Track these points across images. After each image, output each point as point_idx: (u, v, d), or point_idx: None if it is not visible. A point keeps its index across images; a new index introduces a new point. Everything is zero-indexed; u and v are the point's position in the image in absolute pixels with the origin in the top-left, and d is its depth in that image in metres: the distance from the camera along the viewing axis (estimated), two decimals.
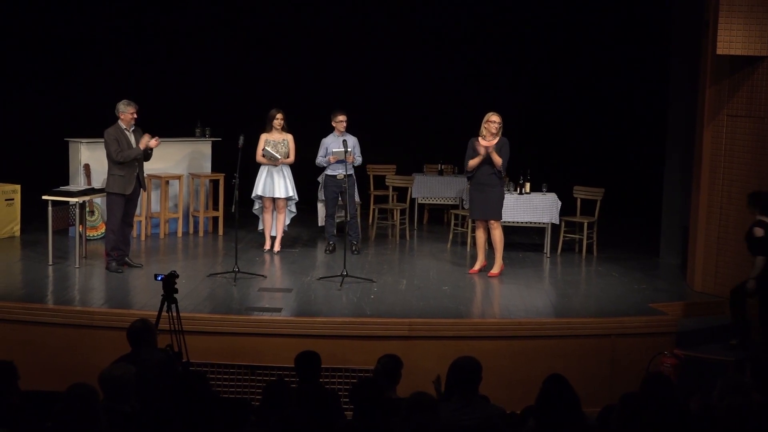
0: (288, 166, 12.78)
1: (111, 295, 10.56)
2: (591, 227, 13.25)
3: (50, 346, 9.47)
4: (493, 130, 11.40)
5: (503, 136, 11.42)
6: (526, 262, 12.66)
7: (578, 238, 13.33)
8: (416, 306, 10.25)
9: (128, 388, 5.93)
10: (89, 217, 13.00)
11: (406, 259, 12.97)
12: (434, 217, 15.76)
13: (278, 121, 12.69)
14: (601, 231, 13.51)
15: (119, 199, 11.42)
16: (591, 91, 16.36)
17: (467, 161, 11.48)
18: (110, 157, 11.39)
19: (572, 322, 9.83)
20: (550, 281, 11.82)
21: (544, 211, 13.03)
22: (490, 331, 9.65)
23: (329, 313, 9.88)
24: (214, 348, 9.29)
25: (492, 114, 11.48)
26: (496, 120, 11.41)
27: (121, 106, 11.47)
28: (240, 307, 10.03)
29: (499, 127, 11.40)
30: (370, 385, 5.96)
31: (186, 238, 13.88)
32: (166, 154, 13.70)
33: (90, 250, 12.42)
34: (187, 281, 10.74)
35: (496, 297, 11.02)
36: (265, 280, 11.28)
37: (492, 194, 11.49)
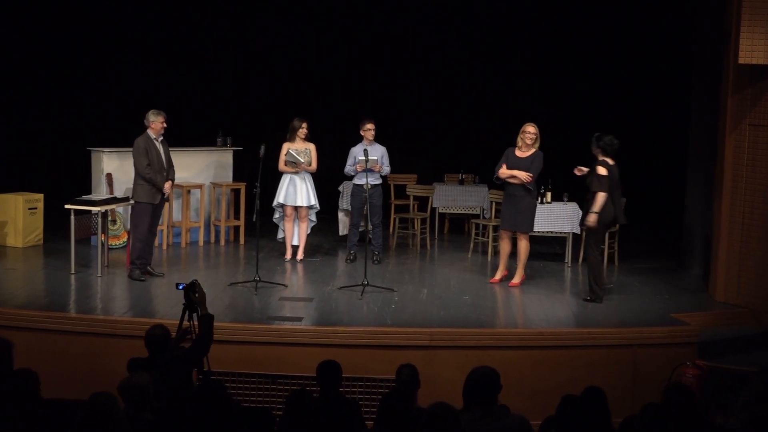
0: (310, 175, 12.81)
1: (133, 303, 10.60)
2: (613, 237, 13.20)
3: (72, 355, 9.50)
4: (528, 141, 11.39)
5: (539, 150, 11.38)
6: (547, 272, 12.63)
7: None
8: (437, 315, 10.24)
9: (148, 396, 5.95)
10: (111, 226, 13.05)
11: (427, 268, 12.96)
12: (455, 226, 15.75)
13: (303, 131, 12.73)
14: (622, 240, 13.46)
15: (147, 208, 11.49)
16: (613, 100, 16.32)
17: (497, 168, 11.52)
18: (138, 169, 11.46)
19: (593, 332, 9.79)
20: (572, 291, 11.78)
21: (565, 221, 13.01)
22: (511, 340, 9.62)
23: (350, 322, 9.89)
24: (235, 357, 9.30)
25: (528, 125, 11.46)
26: (531, 131, 11.39)
27: (150, 115, 11.52)
28: (261, 316, 10.04)
29: (534, 138, 11.39)
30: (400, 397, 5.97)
31: (207, 247, 13.92)
32: (188, 164, 13.76)
33: (112, 258, 12.47)
34: (208, 290, 10.70)
35: (517, 307, 10.99)
36: (286, 289, 11.29)
37: (522, 205, 11.44)
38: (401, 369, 7.21)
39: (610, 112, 16.37)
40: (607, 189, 10.79)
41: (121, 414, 5.43)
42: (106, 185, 13.04)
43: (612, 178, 10.83)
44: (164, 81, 16.08)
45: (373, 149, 12.64)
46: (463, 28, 16.34)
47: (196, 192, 13.97)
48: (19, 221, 13.25)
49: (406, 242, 14.50)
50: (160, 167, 11.53)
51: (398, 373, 7.21)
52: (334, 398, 6.70)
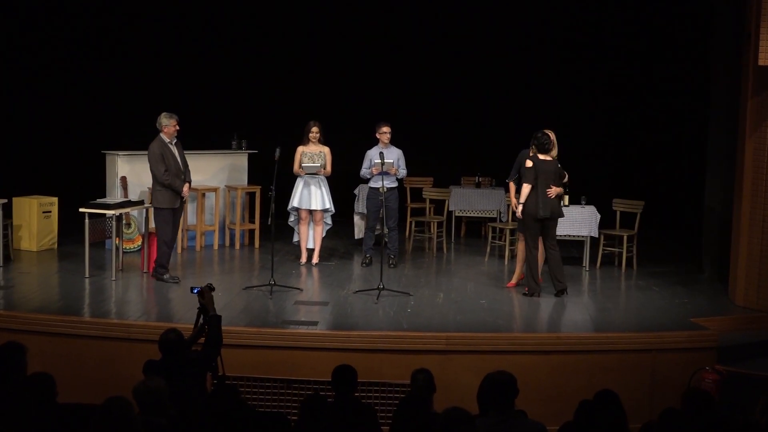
0: (325, 178, 12.82)
1: (147, 307, 10.64)
2: (631, 240, 13.18)
3: (87, 359, 9.54)
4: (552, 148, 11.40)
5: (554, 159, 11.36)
6: (565, 276, 12.60)
7: (618, 252, 13.27)
8: (453, 320, 10.24)
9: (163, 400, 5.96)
10: (126, 229, 13.09)
11: (443, 272, 12.95)
12: (471, 230, 15.74)
13: (314, 135, 12.74)
14: (641, 244, 13.43)
15: (168, 214, 11.55)
16: (631, 103, 16.29)
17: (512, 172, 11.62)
18: (156, 176, 11.51)
19: (612, 337, 9.77)
20: (590, 295, 11.76)
21: (583, 224, 12.99)
22: (528, 345, 9.61)
23: (366, 326, 9.89)
24: (250, 361, 9.31)
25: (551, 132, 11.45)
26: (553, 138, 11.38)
27: (163, 119, 11.55)
28: (276, 321, 10.06)
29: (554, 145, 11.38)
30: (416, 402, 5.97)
31: (222, 250, 13.95)
32: (203, 167, 13.80)
33: (126, 262, 12.51)
34: (223, 294, 10.80)
35: (534, 311, 10.97)
36: (301, 293, 11.31)
37: None
38: (417, 374, 7.21)
39: (629, 115, 16.37)
40: (532, 180, 11.13)
41: (136, 419, 5.44)
42: (121, 188, 13.08)
43: (538, 170, 11.18)
44: (179, 83, 16.11)
45: (389, 152, 12.65)
46: (481, 28, 16.32)
47: (210, 195, 14.00)
48: (33, 225, 13.31)
49: (423, 246, 14.50)
50: (177, 171, 11.57)
51: (414, 378, 7.21)
52: (349, 403, 6.71)
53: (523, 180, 11.26)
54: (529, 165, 11.22)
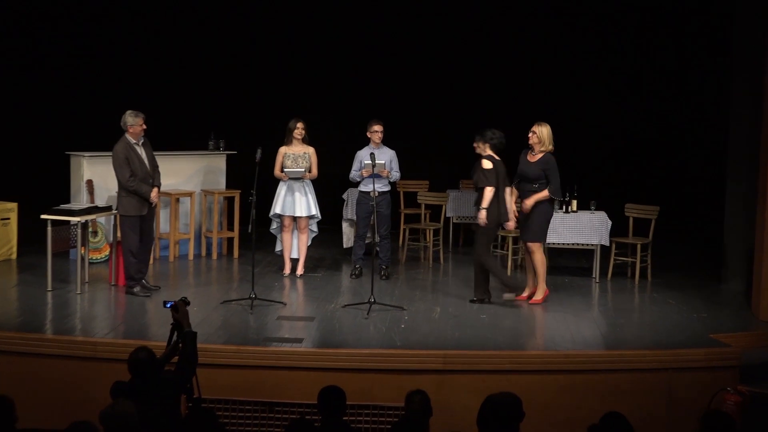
0: (310, 182, 12.81)
1: (115, 323, 10.61)
2: (645, 249, 13.19)
3: (49, 380, 9.50)
4: (531, 142, 11.48)
5: (549, 153, 11.39)
6: (573, 288, 12.62)
7: (631, 262, 13.28)
8: (451, 336, 10.23)
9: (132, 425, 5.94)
10: (92, 238, 13.07)
11: (440, 284, 12.95)
12: (471, 238, 15.71)
13: (299, 131, 12.72)
14: (656, 254, 13.44)
15: (135, 222, 11.54)
16: (645, 102, 16.35)
17: None
18: (121, 181, 11.49)
19: (624, 355, 9.77)
20: (600, 309, 11.77)
21: (593, 232, 12.99)
22: (533, 364, 9.61)
23: (355, 344, 9.88)
24: (229, 382, 9.29)
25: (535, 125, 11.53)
26: (533, 130, 11.47)
27: (128, 118, 11.52)
28: (257, 338, 10.04)
29: (537, 141, 11.42)
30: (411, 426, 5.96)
31: (198, 261, 13.93)
32: (177, 169, 13.79)
33: (93, 274, 12.48)
34: (199, 309, 10.77)
35: (539, 327, 10.97)
36: (285, 308, 11.30)
37: (533, 213, 11.48)
38: (412, 396, 7.20)
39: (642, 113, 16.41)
40: (494, 183, 11.34)
41: None
42: (87, 193, 13.06)
43: (498, 173, 11.36)
44: (150, 78, 16.11)
45: (381, 153, 12.66)
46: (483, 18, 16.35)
47: (185, 201, 13.98)
48: None
49: (417, 255, 14.50)
50: (144, 175, 11.55)
51: (408, 401, 7.21)
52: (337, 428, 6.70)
53: (482, 184, 11.40)
54: (489, 167, 11.39)
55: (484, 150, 11.53)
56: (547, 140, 11.46)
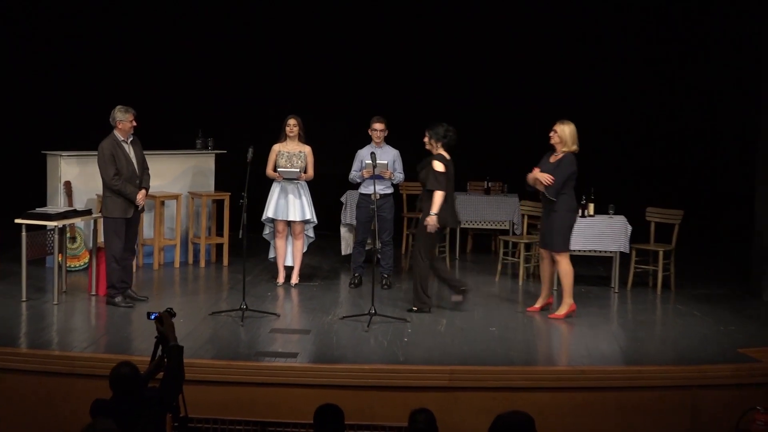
0: (305, 184, 12.81)
1: (96, 336, 10.61)
2: (668, 257, 13.19)
3: (24, 397, 9.49)
4: (552, 141, 11.43)
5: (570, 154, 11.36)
6: (590, 299, 12.62)
7: (652, 270, 13.28)
8: (458, 351, 10.23)
9: None
10: (70, 244, 13.07)
11: (446, 294, 12.94)
12: (480, 244, 15.75)
13: (291, 128, 12.71)
14: (679, 261, 13.45)
15: (119, 224, 11.54)
16: (668, 100, 16.36)
17: None
18: (104, 180, 11.49)
19: (645, 371, 9.77)
20: (619, 322, 11.77)
21: (612, 238, 12.99)
22: (546, 381, 9.60)
23: (354, 359, 9.87)
24: (218, 400, 9.29)
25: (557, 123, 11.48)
26: (554, 128, 11.41)
27: (117, 113, 11.53)
28: (248, 352, 10.03)
29: (558, 140, 11.39)
30: None
31: (184, 269, 13.94)
32: (162, 170, 13.79)
33: (71, 283, 12.49)
34: (185, 321, 10.78)
35: (553, 340, 10.97)
36: (279, 320, 11.30)
37: (553, 219, 11.45)
38: (416, 415, 7.19)
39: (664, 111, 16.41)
40: (445, 188, 11.53)
41: None
42: (65, 195, 13.07)
43: (449, 176, 11.62)
44: (133, 72, 16.12)
45: (384, 152, 12.66)
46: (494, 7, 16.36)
47: (171, 204, 13.99)
48: None
49: None
50: (131, 175, 11.55)
51: (412, 420, 7.20)
52: None
53: (431, 186, 11.54)
54: (441, 169, 11.55)
55: (436, 148, 11.70)
56: (570, 140, 11.37)
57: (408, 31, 16.32)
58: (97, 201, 13.08)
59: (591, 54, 16.36)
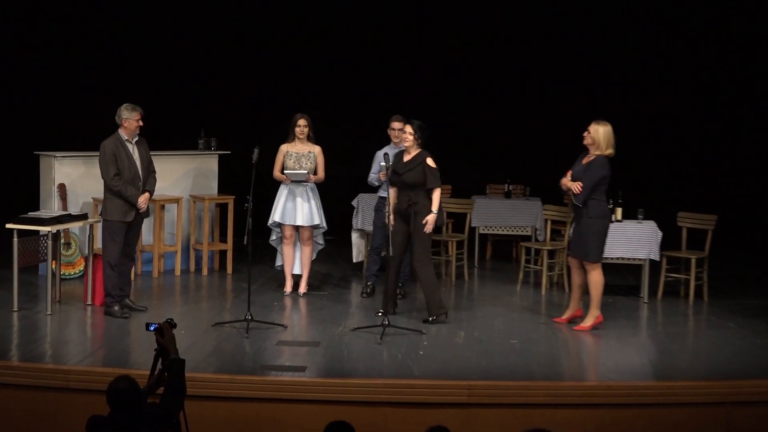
0: (315, 187, 12.81)
1: (92, 349, 10.63)
2: (701, 265, 13.18)
3: (15, 413, 9.50)
4: (585, 142, 11.39)
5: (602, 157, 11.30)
6: (618, 310, 12.60)
7: (684, 279, 13.27)
8: (477, 365, 10.23)
9: None
10: (64, 251, 13.10)
11: (464, 304, 12.95)
12: (500, 251, 15.74)
13: (301, 130, 12.72)
14: (713, 269, 13.43)
15: (119, 228, 11.55)
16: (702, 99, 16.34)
17: None
18: (105, 180, 11.52)
19: (676, 387, 9.75)
20: (649, 334, 11.76)
21: (641, 244, 12.98)
22: (570, 396, 9.60)
23: (366, 373, 9.88)
24: (221, 417, 9.30)
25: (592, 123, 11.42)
26: (588, 128, 11.35)
27: (124, 111, 11.57)
28: (254, 366, 10.05)
29: (591, 142, 11.34)
30: None
31: (186, 277, 13.96)
32: (162, 172, 13.75)
33: (65, 292, 12.50)
34: (187, 332, 10.79)
35: (579, 354, 10.97)
36: (286, 332, 11.31)
37: (583, 226, 11.42)
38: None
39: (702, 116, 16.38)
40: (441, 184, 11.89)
41: None
42: (59, 199, 13.09)
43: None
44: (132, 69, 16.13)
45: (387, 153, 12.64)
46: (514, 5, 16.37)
47: (171, 208, 14.01)
48: None
49: (438, 271, 14.48)
50: (133, 176, 11.57)
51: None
52: None
53: (435, 185, 11.76)
54: (434, 165, 11.77)
55: (415, 145, 11.88)
56: (604, 142, 11.28)
57: (424, 24, 16.32)
58: (93, 205, 13.11)
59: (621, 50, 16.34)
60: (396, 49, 16.33)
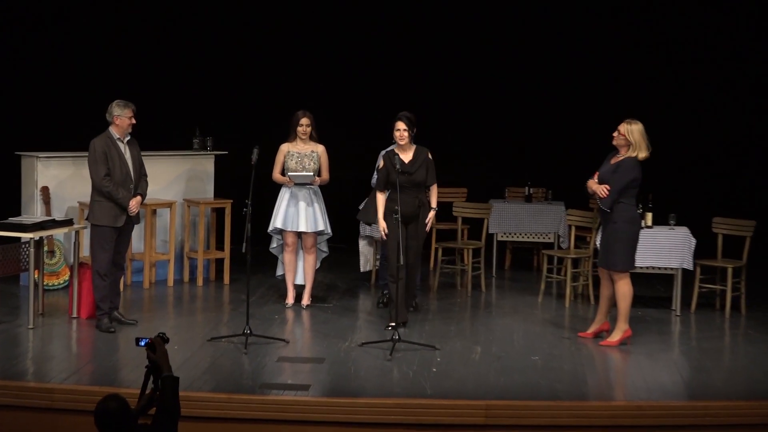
0: (319, 190, 12.80)
1: (78, 366, 10.63)
2: (738, 274, 13.16)
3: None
4: (615, 143, 11.36)
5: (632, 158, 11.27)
6: (648, 323, 12.60)
7: (720, 290, 13.26)
8: (495, 383, 10.22)
9: None
10: (48, 259, 13.11)
11: (481, 317, 12.95)
12: (520, 259, 15.74)
13: (303, 129, 12.71)
14: (751, 280, 13.42)
15: (108, 234, 11.56)
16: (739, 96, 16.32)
17: None
18: (94, 181, 11.53)
19: (712, 407, 9.75)
20: (682, 349, 11.75)
21: (673, 253, 12.97)
22: (598, 418, 9.59)
23: (375, 392, 9.88)
24: None
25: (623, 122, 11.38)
26: (618, 129, 11.32)
27: (115, 108, 11.57)
28: (253, 384, 10.05)
29: (623, 142, 11.31)
30: None
31: (179, 288, 13.98)
32: (154, 174, 13.77)
33: (49, 304, 12.53)
34: (180, 347, 10.80)
35: (605, 371, 10.95)
36: (288, 347, 11.32)
37: (610, 232, 11.40)
38: None
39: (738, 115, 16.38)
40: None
41: None
42: (42, 203, 13.10)
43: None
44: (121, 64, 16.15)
45: None
46: None
47: (164, 213, 14.03)
48: None
49: (453, 281, 14.50)
50: (124, 178, 11.58)
51: None
52: None
53: (431, 181, 12.15)
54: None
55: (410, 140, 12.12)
56: (641, 142, 11.27)
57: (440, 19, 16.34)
58: (80, 209, 13.12)
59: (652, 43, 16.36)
60: (410, 43, 16.34)
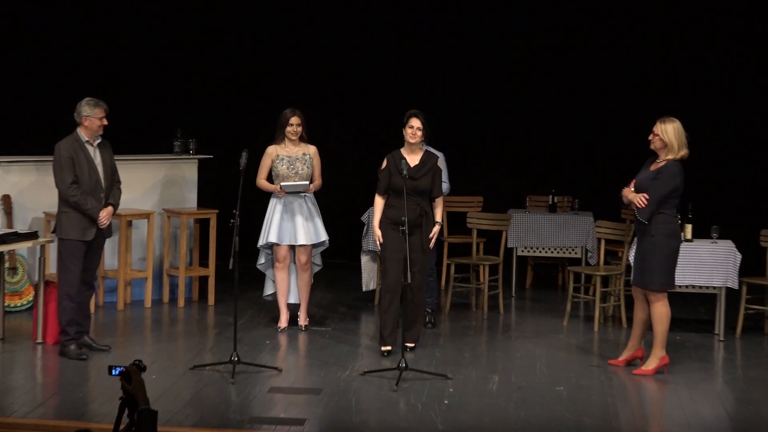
0: (313, 196, 12.77)
1: (43, 397, 10.61)
2: None
3: None
4: (652, 146, 11.33)
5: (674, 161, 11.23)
6: (688, 349, 12.59)
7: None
8: (515, 416, 10.20)
9: None
10: (10, 277, 13.10)
11: (499, 342, 12.94)
12: (542, 277, 15.73)
13: (293, 129, 12.68)
14: None
15: (77, 249, 11.52)
16: None
17: None
18: (59, 189, 11.47)
19: None
20: (726, 379, 11.72)
21: (715, 270, 12.95)
22: None
23: (380, 426, 9.86)
24: None
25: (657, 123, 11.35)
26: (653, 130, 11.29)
27: (84, 107, 11.50)
28: (241, 418, 10.03)
29: (660, 145, 11.28)
30: None
31: (158, 309, 13.98)
32: (129, 181, 13.77)
33: (11, 327, 12.53)
34: (159, 377, 10.78)
35: (641, 403, 10.93)
36: (280, 376, 11.30)
37: (647, 246, 11.34)
38: None
39: None
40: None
41: None
42: (2, 214, 13.10)
43: None
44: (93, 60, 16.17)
45: None
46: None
47: (140, 224, 14.02)
48: None
49: (467, 301, 14.51)
50: (94, 186, 11.54)
51: None
52: None
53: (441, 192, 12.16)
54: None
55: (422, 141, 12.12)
56: (677, 142, 11.21)
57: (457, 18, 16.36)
58: (45, 221, 13.11)
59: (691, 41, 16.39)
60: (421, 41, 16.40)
